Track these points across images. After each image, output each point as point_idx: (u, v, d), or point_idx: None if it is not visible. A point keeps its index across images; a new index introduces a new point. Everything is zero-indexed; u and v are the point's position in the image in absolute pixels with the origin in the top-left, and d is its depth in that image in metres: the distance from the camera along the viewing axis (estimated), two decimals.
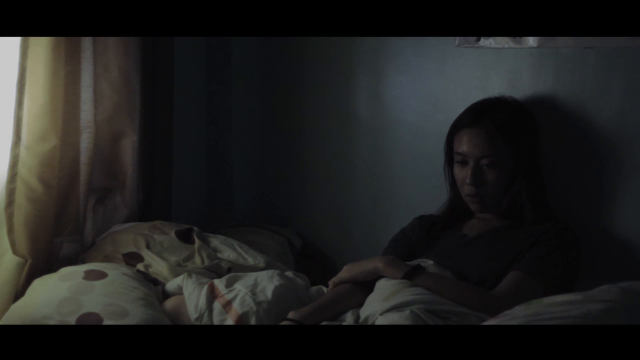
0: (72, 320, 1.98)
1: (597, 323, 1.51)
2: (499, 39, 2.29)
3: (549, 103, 2.25)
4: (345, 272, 2.11)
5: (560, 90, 2.23)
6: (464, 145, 2.14)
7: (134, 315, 2.00)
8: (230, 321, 1.98)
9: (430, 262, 2.09)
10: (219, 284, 2.08)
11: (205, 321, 2.01)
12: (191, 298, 2.06)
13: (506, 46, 2.29)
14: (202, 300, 2.03)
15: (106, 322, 1.97)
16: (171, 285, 2.20)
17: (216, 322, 2.00)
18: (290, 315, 1.98)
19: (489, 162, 2.11)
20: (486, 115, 2.13)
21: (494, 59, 2.33)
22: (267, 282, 2.08)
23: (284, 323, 1.96)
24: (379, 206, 2.65)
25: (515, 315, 1.61)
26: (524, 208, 2.13)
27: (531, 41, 2.23)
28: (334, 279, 2.12)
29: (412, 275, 1.99)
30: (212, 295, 2.05)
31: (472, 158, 2.12)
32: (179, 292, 2.14)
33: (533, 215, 2.12)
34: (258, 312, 1.99)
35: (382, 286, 2.02)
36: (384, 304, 1.92)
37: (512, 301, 1.79)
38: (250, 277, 2.12)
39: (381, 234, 2.48)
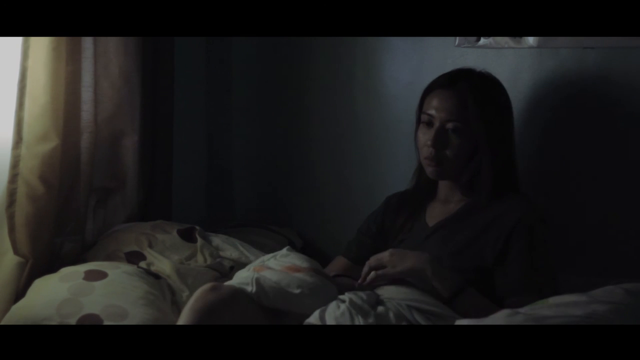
0: (72, 322, 1.98)
1: (602, 323, 1.50)
2: (499, 39, 2.29)
3: (549, 103, 2.26)
4: (389, 262, 1.97)
5: (560, 90, 2.23)
6: (433, 105, 2.07)
7: (134, 315, 2.00)
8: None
9: None
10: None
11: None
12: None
13: (506, 46, 2.29)
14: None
15: (106, 323, 1.97)
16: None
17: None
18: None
19: (455, 127, 2.04)
20: (463, 80, 2.08)
21: (494, 59, 2.33)
22: (302, 262, 2.05)
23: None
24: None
25: (520, 314, 1.61)
26: (481, 181, 2.06)
27: (531, 41, 2.23)
28: (377, 273, 1.98)
29: (457, 297, 1.91)
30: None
31: (438, 120, 2.06)
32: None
33: (488, 189, 2.05)
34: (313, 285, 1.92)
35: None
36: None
37: None
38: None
39: None
